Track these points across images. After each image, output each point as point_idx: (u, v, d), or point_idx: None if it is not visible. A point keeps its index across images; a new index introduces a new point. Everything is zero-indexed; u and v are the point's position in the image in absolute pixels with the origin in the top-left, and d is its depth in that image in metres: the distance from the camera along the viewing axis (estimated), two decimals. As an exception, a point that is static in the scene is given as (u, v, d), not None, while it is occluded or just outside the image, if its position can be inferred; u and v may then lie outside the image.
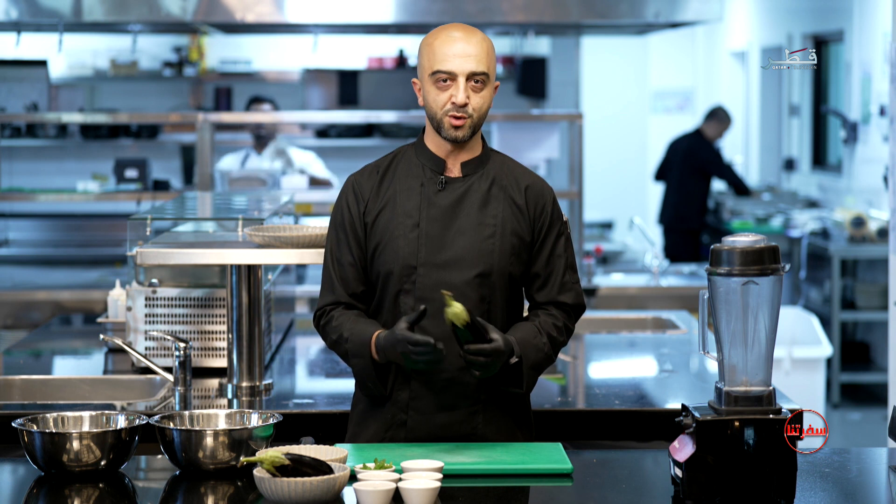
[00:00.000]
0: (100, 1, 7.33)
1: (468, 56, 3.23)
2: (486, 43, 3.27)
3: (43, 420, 3.18)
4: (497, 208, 3.31)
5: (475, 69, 3.24)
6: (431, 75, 3.25)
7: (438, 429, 3.29)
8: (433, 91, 3.26)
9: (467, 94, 3.24)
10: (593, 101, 13.49)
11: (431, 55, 3.26)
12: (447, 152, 3.32)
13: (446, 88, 3.25)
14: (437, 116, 3.27)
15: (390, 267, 3.27)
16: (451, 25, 3.30)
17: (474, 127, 3.27)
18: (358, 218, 3.32)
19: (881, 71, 9.30)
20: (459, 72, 3.23)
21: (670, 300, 6.83)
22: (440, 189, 3.31)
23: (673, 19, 7.49)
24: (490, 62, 3.27)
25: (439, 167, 3.32)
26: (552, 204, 3.36)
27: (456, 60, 3.23)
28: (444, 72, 3.24)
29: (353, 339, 3.26)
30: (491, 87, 3.28)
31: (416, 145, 3.36)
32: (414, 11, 7.37)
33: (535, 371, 3.29)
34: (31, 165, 10.60)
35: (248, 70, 11.26)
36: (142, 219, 4.57)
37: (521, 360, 3.24)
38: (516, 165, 3.39)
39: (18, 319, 6.64)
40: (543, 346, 3.29)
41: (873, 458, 3.29)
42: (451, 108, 3.24)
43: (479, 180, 3.32)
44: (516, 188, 3.33)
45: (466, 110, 3.24)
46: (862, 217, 9.07)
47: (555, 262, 3.34)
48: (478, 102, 3.26)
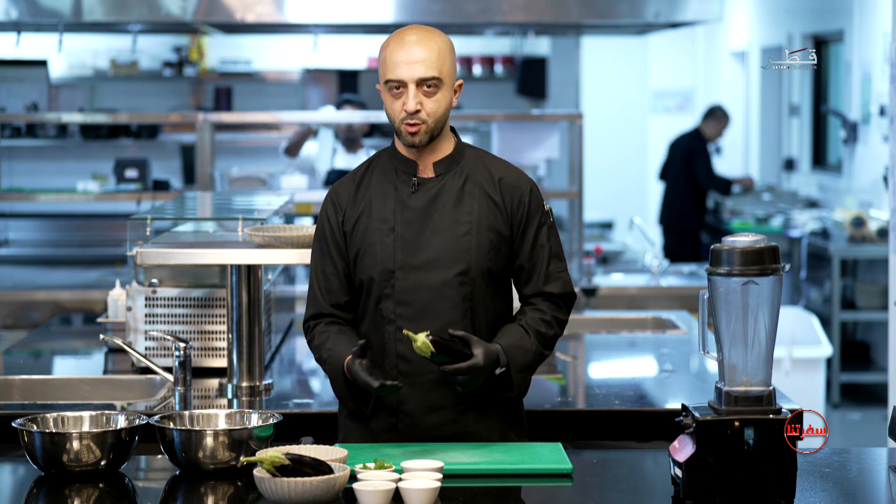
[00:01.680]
0: (100, 1, 7.33)
1: (416, 62, 3.21)
2: (439, 45, 3.24)
3: (43, 420, 3.18)
4: (472, 205, 3.30)
5: (423, 75, 3.22)
6: (385, 84, 3.25)
7: (429, 430, 3.29)
8: (389, 98, 3.26)
9: (418, 100, 3.22)
10: (593, 101, 13.49)
11: (383, 63, 3.25)
12: (417, 154, 3.31)
13: (399, 96, 3.24)
14: (395, 123, 3.27)
15: (370, 273, 3.28)
16: (405, 29, 3.27)
17: (431, 132, 3.26)
18: (337, 228, 3.33)
19: (881, 71, 9.30)
20: (408, 79, 3.21)
21: (670, 300, 6.83)
22: (413, 191, 3.31)
23: (673, 19, 7.49)
24: (443, 65, 3.23)
25: (411, 169, 3.32)
26: (529, 195, 3.33)
27: (404, 68, 3.21)
28: (394, 80, 3.23)
29: (329, 362, 3.29)
30: (447, 89, 3.25)
31: (390, 150, 3.37)
32: (414, 11, 7.37)
33: (526, 373, 3.29)
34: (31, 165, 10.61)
35: (248, 70, 11.27)
36: (142, 219, 4.57)
37: (508, 367, 3.24)
38: (492, 159, 3.37)
39: (18, 319, 6.64)
40: (532, 346, 3.28)
41: (873, 458, 3.29)
42: (406, 116, 3.24)
43: (453, 178, 3.32)
44: (491, 183, 3.32)
45: (419, 117, 3.23)
46: (862, 217, 9.07)
47: (538, 253, 3.33)
48: (432, 107, 3.24)
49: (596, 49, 13.45)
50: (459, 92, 3.31)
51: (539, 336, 3.30)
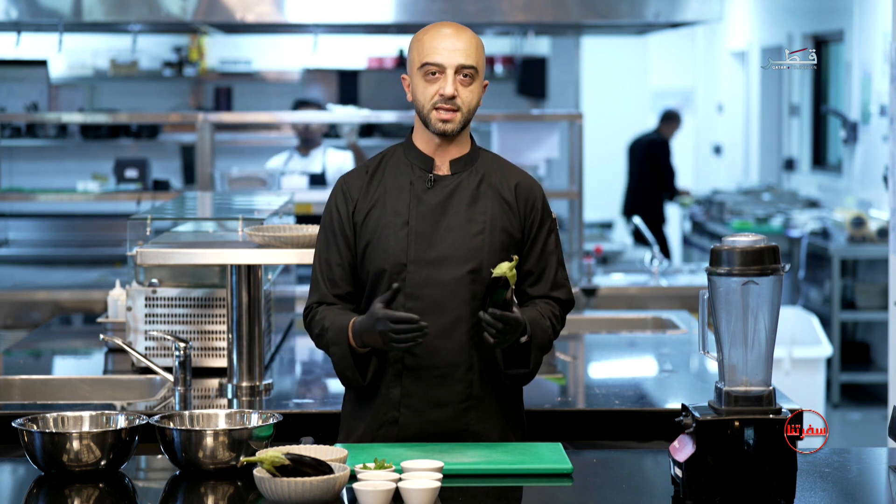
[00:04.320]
0: (100, 1, 7.33)
1: (457, 49, 3.25)
2: (475, 40, 3.29)
3: (43, 420, 3.18)
4: (486, 205, 3.32)
5: (464, 62, 3.25)
6: (420, 68, 3.27)
7: (430, 425, 3.30)
8: (422, 84, 3.27)
9: (456, 86, 3.25)
10: (593, 101, 13.49)
11: (421, 49, 3.27)
12: (435, 150, 3.33)
13: (435, 81, 3.26)
14: (424, 110, 3.28)
15: (381, 265, 3.29)
16: (441, 23, 3.32)
17: (464, 121, 3.28)
18: (347, 218, 3.33)
19: (881, 71, 9.30)
20: (448, 64, 3.25)
21: (670, 300, 6.82)
22: (429, 187, 3.32)
23: (673, 19, 7.49)
24: (479, 58, 3.28)
25: (428, 165, 3.33)
26: (542, 201, 3.37)
27: (445, 53, 3.25)
28: (432, 64, 3.25)
29: (332, 328, 3.28)
30: (479, 83, 3.29)
31: (405, 144, 3.38)
32: (414, 11, 7.37)
33: (541, 352, 3.32)
34: (31, 165, 10.60)
35: (248, 70, 11.26)
36: (142, 219, 4.57)
37: (530, 340, 3.26)
38: (505, 163, 3.40)
39: (18, 319, 6.64)
40: (548, 328, 3.32)
41: (873, 458, 3.29)
42: (440, 101, 3.25)
43: (468, 178, 3.33)
44: (506, 185, 3.35)
45: (455, 103, 3.26)
46: (862, 217, 9.07)
47: (547, 259, 3.36)
48: (467, 96, 3.27)
49: (596, 49, 13.45)
50: (484, 91, 3.33)
51: (552, 322, 3.33)
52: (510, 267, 3.14)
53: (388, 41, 11.07)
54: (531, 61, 10.90)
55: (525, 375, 3.34)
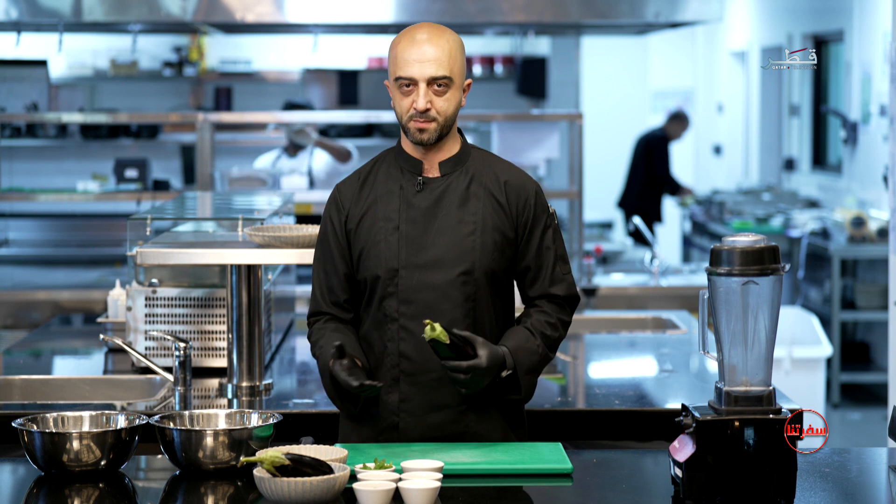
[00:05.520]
0: (100, 1, 7.33)
1: (428, 61, 3.22)
2: (449, 44, 3.25)
3: (43, 420, 3.18)
4: (477, 205, 3.31)
5: (434, 74, 3.23)
6: (395, 81, 3.26)
7: (430, 429, 3.30)
8: (398, 95, 3.27)
9: (428, 98, 3.23)
10: (593, 102, 13.49)
11: (394, 60, 3.26)
12: (424, 153, 3.32)
13: (409, 94, 3.25)
14: (402, 120, 3.28)
15: (374, 271, 3.29)
16: (416, 27, 3.28)
17: (440, 130, 3.27)
18: (340, 227, 3.33)
19: (881, 71, 9.30)
20: (419, 77, 3.23)
21: (670, 300, 6.82)
22: (418, 190, 3.31)
23: (673, 19, 7.49)
24: (454, 64, 3.25)
25: (417, 168, 3.33)
26: (535, 197, 3.34)
27: (415, 66, 3.22)
28: (404, 78, 3.24)
29: (320, 358, 3.31)
30: (457, 88, 3.27)
31: (395, 149, 3.37)
32: (414, 11, 7.37)
33: (533, 375, 3.30)
34: (31, 165, 10.60)
35: (248, 70, 11.26)
36: (142, 219, 4.57)
37: (515, 370, 3.25)
38: (497, 161, 3.38)
39: (18, 319, 6.64)
40: (538, 348, 3.29)
41: (873, 458, 3.29)
42: (415, 114, 3.24)
43: (458, 178, 3.32)
44: (496, 184, 3.33)
45: (429, 115, 3.24)
46: (862, 217, 9.07)
47: (544, 255, 3.34)
48: (442, 106, 3.25)
49: (596, 49, 13.45)
50: (468, 91, 3.32)
51: (544, 338, 3.30)
52: (432, 328, 3.11)
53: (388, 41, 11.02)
54: (531, 61, 10.89)
55: (521, 400, 3.33)
